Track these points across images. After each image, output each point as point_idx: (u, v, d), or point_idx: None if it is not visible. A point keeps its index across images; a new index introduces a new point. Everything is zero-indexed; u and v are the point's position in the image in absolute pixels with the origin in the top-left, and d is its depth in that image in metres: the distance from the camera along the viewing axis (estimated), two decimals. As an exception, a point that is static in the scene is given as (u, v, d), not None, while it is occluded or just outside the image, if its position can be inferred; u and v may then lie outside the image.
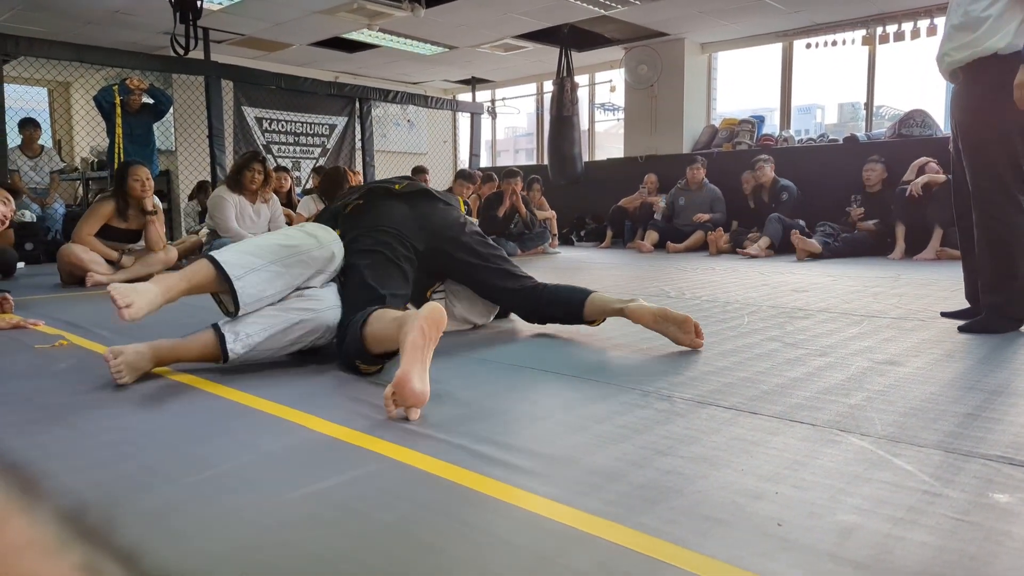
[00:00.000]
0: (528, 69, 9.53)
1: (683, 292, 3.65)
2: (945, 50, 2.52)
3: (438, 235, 2.39)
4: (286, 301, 2.03)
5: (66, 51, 5.95)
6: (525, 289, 2.49)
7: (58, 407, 1.65)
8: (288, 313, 1.99)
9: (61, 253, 4.32)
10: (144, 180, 4.37)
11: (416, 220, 2.36)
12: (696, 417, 1.51)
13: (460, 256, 2.42)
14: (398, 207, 2.37)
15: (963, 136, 2.49)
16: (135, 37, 7.54)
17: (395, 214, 2.34)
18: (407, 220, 2.34)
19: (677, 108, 8.12)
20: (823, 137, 7.47)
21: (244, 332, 1.93)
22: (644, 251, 6.67)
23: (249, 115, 7.76)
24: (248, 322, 1.95)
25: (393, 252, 2.24)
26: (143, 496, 1.13)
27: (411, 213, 2.37)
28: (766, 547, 0.94)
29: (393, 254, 2.24)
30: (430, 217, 2.40)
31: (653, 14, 6.99)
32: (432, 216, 2.41)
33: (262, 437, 1.42)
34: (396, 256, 2.24)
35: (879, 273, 4.46)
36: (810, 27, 7.33)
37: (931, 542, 0.95)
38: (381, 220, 2.30)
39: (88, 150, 8.24)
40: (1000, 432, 1.39)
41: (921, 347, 2.20)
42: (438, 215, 2.43)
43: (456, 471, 1.22)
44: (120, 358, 1.85)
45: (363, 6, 6.48)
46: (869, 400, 1.62)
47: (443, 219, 2.43)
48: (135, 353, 1.88)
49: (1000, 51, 2.35)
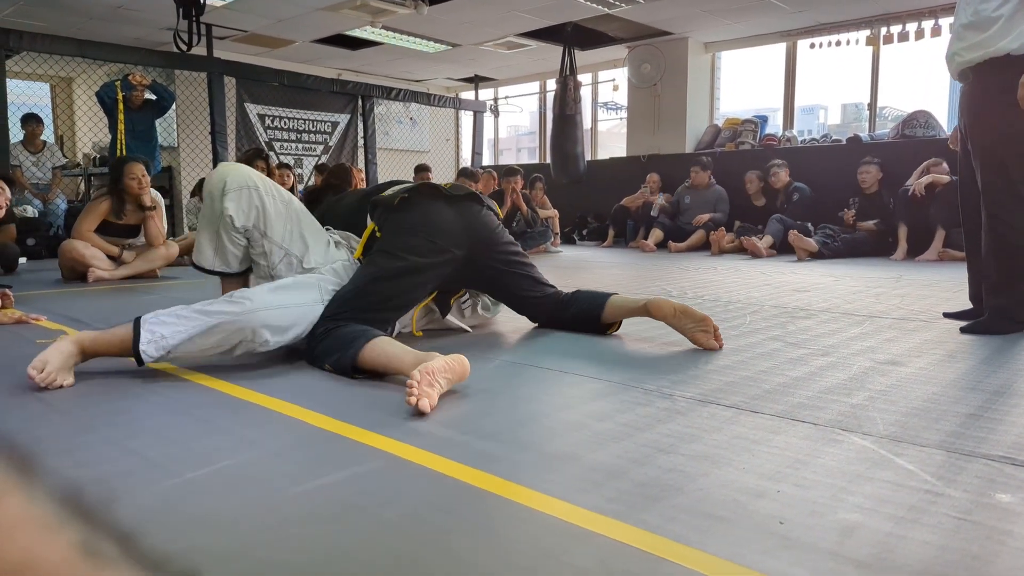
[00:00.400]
0: (531, 67, 9.53)
1: (685, 291, 3.65)
2: (955, 49, 2.48)
3: (481, 241, 2.35)
4: (211, 302, 1.93)
5: (68, 46, 5.95)
6: (547, 297, 2.50)
7: (60, 402, 1.65)
8: (208, 317, 1.87)
9: (62, 249, 4.32)
10: (140, 177, 4.36)
11: (462, 225, 2.31)
12: (697, 415, 1.51)
13: (494, 264, 2.40)
14: (446, 210, 2.30)
15: (973, 137, 2.47)
16: (138, 33, 7.55)
17: (442, 218, 2.27)
18: (453, 225, 2.28)
19: (680, 107, 8.11)
20: (826, 137, 7.46)
21: (160, 334, 1.84)
22: (647, 250, 6.67)
23: (251, 112, 7.76)
24: (167, 323, 1.85)
25: (420, 263, 2.17)
26: (145, 491, 1.13)
27: (457, 218, 2.31)
28: (767, 545, 0.94)
29: (424, 265, 2.18)
30: (475, 224, 2.35)
31: (657, 13, 6.99)
32: (477, 222, 2.36)
33: (264, 433, 1.42)
34: (421, 267, 2.18)
35: (881, 274, 4.46)
36: (814, 27, 7.32)
37: (933, 541, 0.95)
38: (425, 222, 2.24)
39: (90, 146, 8.25)
40: (1002, 432, 1.38)
41: (923, 347, 2.20)
42: (483, 221, 2.39)
43: (458, 468, 1.22)
44: (47, 368, 1.75)
45: (366, 3, 6.48)
46: (871, 400, 1.62)
47: (487, 226, 2.39)
48: (59, 354, 1.79)
49: (1013, 52, 2.31)
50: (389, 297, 2.13)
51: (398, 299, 2.18)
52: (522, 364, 2.03)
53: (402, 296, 2.19)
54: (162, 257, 4.57)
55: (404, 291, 2.18)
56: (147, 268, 4.50)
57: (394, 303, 2.17)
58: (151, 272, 4.52)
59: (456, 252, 2.27)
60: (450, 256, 2.25)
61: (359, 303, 2.06)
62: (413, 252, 2.17)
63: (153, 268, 4.53)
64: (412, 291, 2.21)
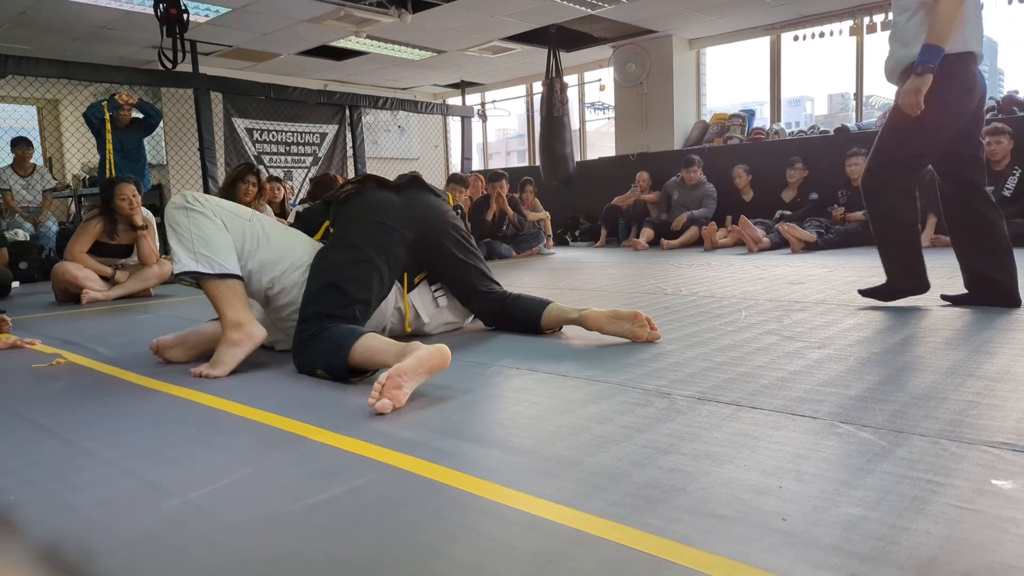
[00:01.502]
0: (517, 71, 9.54)
1: (679, 289, 3.65)
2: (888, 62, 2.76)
3: (429, 223, 2.41)
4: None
5: (53, 68, 5.94)
6: (494, 294, 2.57)
7: (57, 426, 1.64)
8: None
9: (55, 271, 4.30)
10: (131, 197, 4.36)
11: (407, 208, 2.38)
12: (697, 414, 1.51)
13: (447, 248, 2.46)
14: (389, 196, 2.39)
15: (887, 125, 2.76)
16: (123, 52, 7.54)
17: (386, 202, 2.35)
18: (398, 208, 2.35)
19: (667, 104, 8.13)
20: (814, 129, 7.49)
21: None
22: (639, 249, 6.68)
23: (239, 126, 7.75)
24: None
25: (375, 248, 2.23)
26: (145, 513, 1.13)
27: (402, 201, 2.38)
28: (771, 542, 0.94)
29: (375, 251, 2.23)
30: (421, 206, 2.43)
31: (640, 11, 7.01)
32: (422, 205, 2.44)
33: (262, 448, 1.42)
34: (377, 253, 2.22)
35: (874, 263, 4.46)
36: (797, 19, 7.35)
37: (936, 531, 0.95)
38: (371, 208, 2.32)
39: (79, 167, 8.23)
40: (1001, 419, 1.39)
41: (920, 335, 2.21)
42: (429, 204, 2.46)
43: (459, 476, 1.22)
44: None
45: (350, 13, 6.48)
46: (869, 391, 1.62)
47: (434, 208, 2.47)
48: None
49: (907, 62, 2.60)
50: (346, 291, 2.13)
51: (357, 291, 2.16)
52: (518, 368, 2.02)
53: (360, 286, 2.17)
54: (156, 276, 4.55)
55: (361, 281, 2.18)
56: (141, 287, 4.48)
57: (354, 296, 2.15)
58: (145, 291, 4.51)
59: (405, 232, 2.33)
60: (399, 236, 2.30)
61: (322, 302, 2.10)
62: (362, 238, 2.23)
63: (147, 287, 4.52)
64: (369, 279, 2.21)
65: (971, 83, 2.57)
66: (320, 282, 2.15)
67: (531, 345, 2.39)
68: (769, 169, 6.85)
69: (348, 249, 2.22)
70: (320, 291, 2.13)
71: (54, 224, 6.66)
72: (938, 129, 2.59)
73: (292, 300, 2.23)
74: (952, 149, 2.67)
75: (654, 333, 2.32)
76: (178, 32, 5.18)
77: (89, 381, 2.10)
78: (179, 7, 5.15)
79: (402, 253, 2.33)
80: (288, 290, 2.22)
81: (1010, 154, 5.35)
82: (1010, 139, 5.32)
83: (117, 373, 2.19)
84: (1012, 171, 5.32)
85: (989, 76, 22.08)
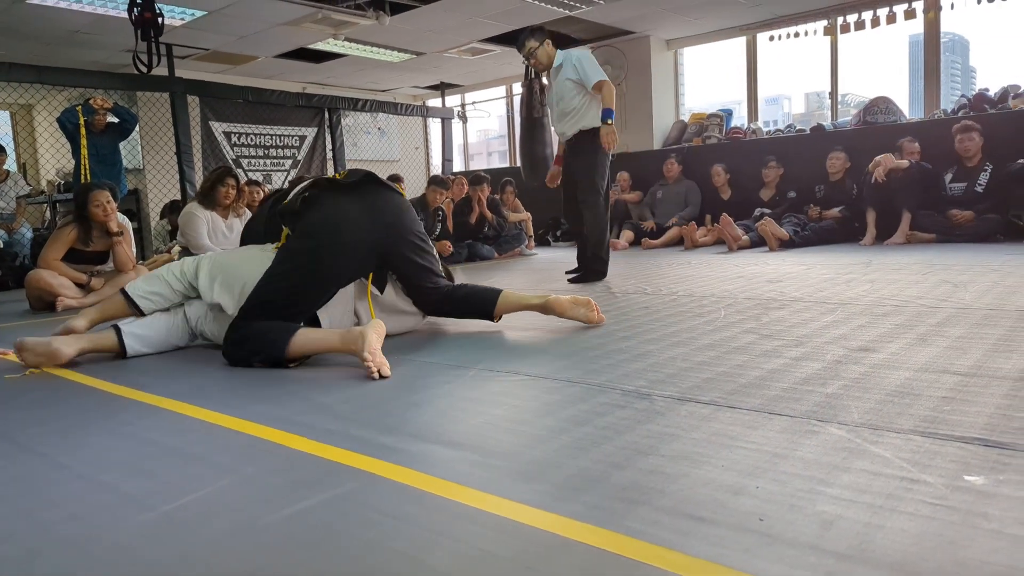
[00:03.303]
0: (496, 72, 9.54)
1: (660, 288, 3.67)
2: (562, 128, 4.47)
3: (389, 228, 2.45)
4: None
5: (27, 73, 5.86)
6: (438, 289, 2.62)
7: (29, 438, 1.62)
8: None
9: (29, 279, 4.24)
10: (105, 204, 4.29)
11: (366, 216, 2.39)
12: (676, 414, 1.52)
13: (404, 253, 2.50)
14: (346, 202, 2.39)
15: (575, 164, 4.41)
16: (97, 56, 7.45)
17: (343, 211, 2.36)
18: (355, 219, 2.37)
19: (646, 105, 8.16)
20: (790, 128, 7.55)
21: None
22: (619, 248, 6.69)
23: (217, 130, 7.69)
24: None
25: (324, 262, 2.29)
26: (121, 527, 1.11)
27: (361, 207, 2.40)
28: (749, 543, 0.95)
29: (322, 264, 2.29)
30: (381, 210, 2.45)
31: (617, 13, 7.03)
32: (383, 209, 2.46)
33: (239, 458, 1.41)
34: (324, 267, 2.30)
35: (851, 260, 4.52)
36: (772, 20, 7.41)
37: (910, 529, 0.96)
38: (328, 223, 2.33)
39: (54, 172, 8.12)
40: (975, 414, 1.41)
41: (895, 332, 2.23)
42: (389, 207, 2.48)
43: (438, 483, 1.22)
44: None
45: (327, 16, 6.45)
46: (846, 388, 1.64)
47: (394, 212, 2.49)
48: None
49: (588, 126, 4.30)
50: (295, 302, 2.28)
51: (304, 304, 2.31)
52: (496, 371, 2.02)
53: (307, 300, 2.31)
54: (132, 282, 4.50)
55: (300, 306, 2.30)
56: (117, 294, 4.42)
57: (300, 308, 2.30)
58: (122, 298, 4.45)
59: (364, 243, 2.37)
60: (356, 251, 2.36)
61: (267, 307, 2.24)
62: (315, 256, 2.29)
63: (123, 294, 4.46)
64: (318, 294, 2.33)
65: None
66: (259, 299, 2.26)
67: (511, 347, 2.39)
68: (747, 168, 6.90)
69: (292, 273, 2.29)
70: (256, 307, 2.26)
71: (28, 231, 6.56)
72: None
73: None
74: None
75: (601, 317, 2.64)
76: (153, 36, 5.13)
77: (62, 391, 2.07)
78: (154, 11, 5.09)
79: (357, 266, 2.40)
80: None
81: (981, 151, 5.43)
82: (980, 135, 5.40)
83: (91, 382, 2.16)
84: (984, 167, 5.40)
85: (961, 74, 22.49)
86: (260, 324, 2.20)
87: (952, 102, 6.64)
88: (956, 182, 5.51)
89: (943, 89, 6.92)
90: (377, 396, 1.83)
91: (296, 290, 2.28)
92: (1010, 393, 1.54)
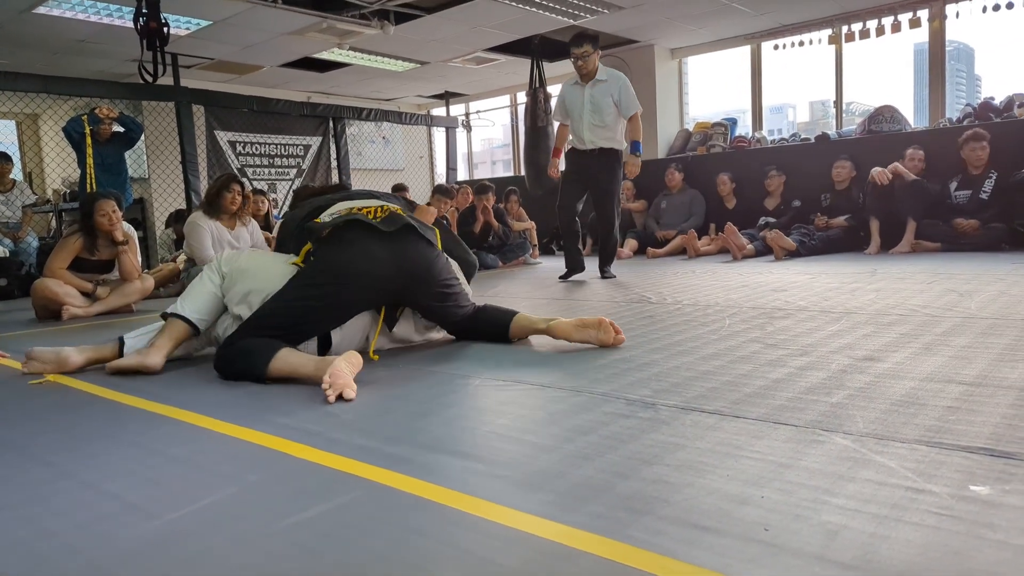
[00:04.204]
0: (501, 81, 9.57)
1: (664, 297, 3.67)
2: (591, 137, 4.82)
3: (415, 277, 2.37)
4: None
5: (32, 83, 5.90)
6: (466, 318, 2.60)
7: (35, 446, 1.63)
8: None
9: (35, 288, 4.26)
10: (110, 213, 4.30)
11: (392, 264, 2.30)
12: (680, 424, 1.52)
13: (425, 302, 2.48)
14: (377, 248, 2.28)
15: (599, 178, 4.89)
16: (103, 66, 7.50)
17: (372, 256, 2.27)
18: (381, 265, 2.28)
19: (650, 113, 8.17)
20: (795, 137, 7.56)
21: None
22: (623, 257, 6.69)
23: (222, 139, 7.72)
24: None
25: (342, 298, 2.26)
26: (125, 536, 1.11)
27: (389, 255, 2.29)
28: (753, 553, 0.94)
29: (339, 300, 2.26)
30: (410, 261, 2.34)
31: (622, 22, 7.06)
32: (410, 256, 2.34)
33: (245, 467, 1.41)
34: (341, 302, 2.27)
35: (856, 269, 4.51)
36: (777, 28, 7.43)
37: (916, 539, 0.96)
38: (354, 261, 2.25)
39: (60, 182, 8.16)
40: (980, 424, 1.40)
41: (900, 342, 2.23)
42: (419, 260, 2.37)
43: (443, 492, 1.22)
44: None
45: (332, 25, 6.48)
46: (850, 398, 1.63)
47: (421, 261, 2.38)
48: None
49: (618, 147, 4.84)
50: (301, 327, 2.26)
51: (309, 328, 2.29)
52: (505, 380, 2.02)
53: (315, 327, 2.29)
54: (137, 291, 4.51)
55: (319, 324, 2.29)
56: (122, 303, 4.44)
57: (304, 331, 2.28)
58: (126, 307, 4.47)
59: (388, 286, 2.33)
60: (378, 289, 2.32)
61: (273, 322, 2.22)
62: (334, 296, 2.25)
63: (128, 303, 4.48)
64: (327, 324, 2.32)
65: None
66: (268, 314, 2.24)
67: (516, 357, 2.39)
68: (751, 177, 6.91)
69: (308, 300, 2.24)
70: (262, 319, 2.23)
71: (34, 240, 6.59)
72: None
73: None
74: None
75: (619, 337, 2.39)
76: (158, 45, 5.16)
77: (68, 400, 2.08)
78: (159, 20, 5.13)
79: (375, 302, 2.38)
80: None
81: (987, 159, 5.42)
82: (988, 144, 5.40)
83: (97, 391, 2.17)
84: (989, 175, 5.40)
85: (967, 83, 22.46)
86: (248, 342, 2.16)
87: (957, 111, 6.64)
88: (961, 190, 5.50)
89: (948, 98, 6.92)
90: (383, 406, 1.83)
91: (307, 316, 2.23)
92: (1016, 403, 1.53)
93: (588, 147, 4.82)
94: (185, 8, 5.96)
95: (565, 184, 5.00)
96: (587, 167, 4.86)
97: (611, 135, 4.79)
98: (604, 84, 4.76)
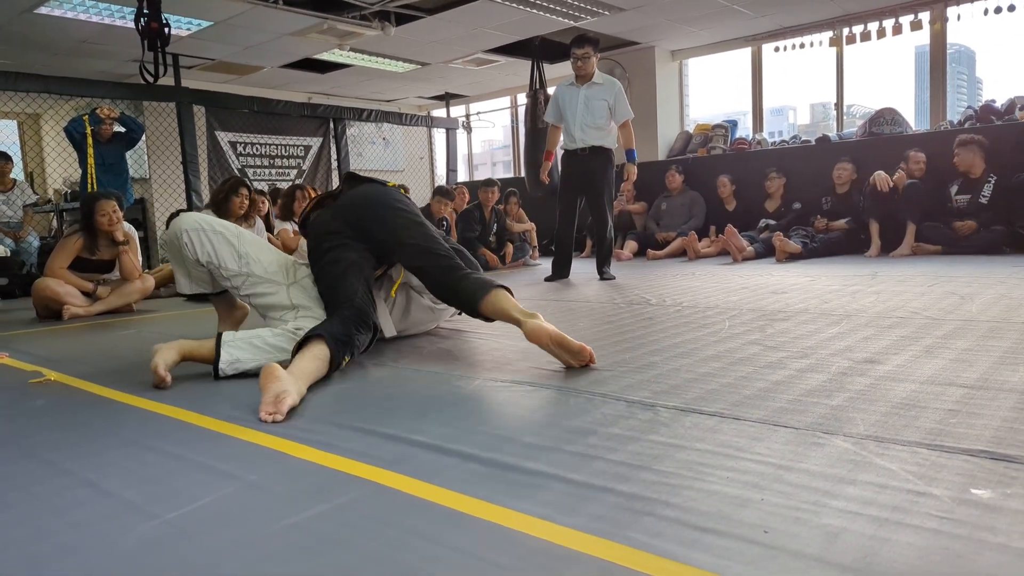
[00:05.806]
0: (501, 82, 9.58)
1: (664, 299, 3.67)
2: (582, 136, 4.93)
3: (363, 209, 2.56)
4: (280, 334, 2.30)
5: (34, 83, 5.90)
6: (440, 268, 2.43)
7: (35, 445, 1.62)
8: (278, 353, 2.24)
9: (36, 287, 4.26)
10: (111, 213, 4.31)
11: (337, 214, 2.56)
12: (680, 425, 1.51)
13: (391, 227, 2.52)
14: (321, 214, 2.61)
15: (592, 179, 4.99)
16: (104, 66, 7.50)
17: (319, 224, 2.58)
18: (328, 221, 2.55)
19: (651, 115, 8.18)
20: (795, 139, 7.55)
21: (236, 356, 2.22)
22: (623, 259, 6.69)
23: (223, 139, 7.72)
24: (244, 349, 2.24)
25: (340, 256, 2.46)
26: (122, 536, 1.11)
27: (330, 212, 2.58)
28: (753, 555, 0.94)
29: (339, 257, 2.46)
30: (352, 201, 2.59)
31: (622, 24, 7.06)
32: (352, 198, 2.60)
33: (244, 467, 1.40)
34: (342, 258, 2.46)
35: (856, 271, 4.51)
36: (777, 30, 7.43)
37: (916, 542, 0.95)
38: (320, 225, 2.58)
39: (61, 181, 8.16)
40: (981, 427, 1.40)
41: (900, 344, 2.22)
42: (359, 193, 2.62)
43: (441, 492, 1.21)
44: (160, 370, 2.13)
45: (333, 27, 6.49)
46: (851, 400, 1.63)
47: (366, 195, 2.60)
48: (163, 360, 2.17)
49: (609, 146, 4.98)
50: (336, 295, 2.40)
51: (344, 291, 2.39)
52: (503, 382, 2.02)
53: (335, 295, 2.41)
54: (138, 291, 4.51)
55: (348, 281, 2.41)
56: (123, 303, 4.44)
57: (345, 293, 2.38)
58: (127, 306, 4.47)
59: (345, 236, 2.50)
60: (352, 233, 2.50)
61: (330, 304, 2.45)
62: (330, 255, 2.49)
63: (129, 302, 4.48)
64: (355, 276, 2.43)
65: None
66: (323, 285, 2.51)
67: (516, 358, 2.38)
68: (752, 179, 6.90)
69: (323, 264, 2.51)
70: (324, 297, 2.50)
71: (35, 239, 6.59)
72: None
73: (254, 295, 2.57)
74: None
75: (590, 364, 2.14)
76: (160, 46, 5.16)
77: (69, 399, 2.08)
78: (160, 21, 5.13)
79: (360, 243, 2.51)
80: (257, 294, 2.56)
81: (985, 162, 5.42)
82: (981, 148, 5.40)
83: (97, 390, 2.16)
84: (988, 178, 5.40)
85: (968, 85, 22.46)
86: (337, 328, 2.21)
87: (959, 113, 6.63)
88: (961, 193, 5.50)
89: (949, 100, 6.92)
90: (382, 406, 1.83)
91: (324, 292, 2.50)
92: (1016, 406, 1.53)
93: (579, 145, 4.94)
94: (186, 9, 5.97)
95: (563, 194, 5.13)
96: (579, 172, 4.99)
97: (602, 135, 4.93)
98: (600, 87, 4.91)
